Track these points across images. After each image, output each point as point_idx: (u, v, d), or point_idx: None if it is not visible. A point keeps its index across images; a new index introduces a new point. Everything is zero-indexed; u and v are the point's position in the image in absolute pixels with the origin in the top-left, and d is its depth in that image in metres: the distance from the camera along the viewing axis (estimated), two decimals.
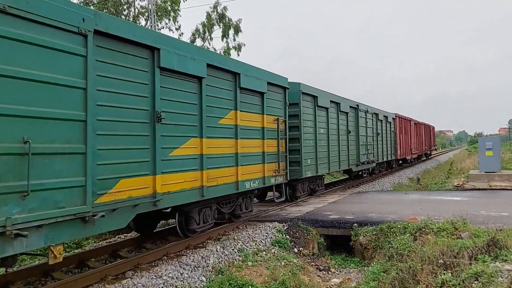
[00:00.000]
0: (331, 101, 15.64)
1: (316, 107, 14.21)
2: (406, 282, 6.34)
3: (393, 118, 26.32)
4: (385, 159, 23.78)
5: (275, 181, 10.88)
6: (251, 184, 9.76)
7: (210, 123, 8.25)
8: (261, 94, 10.36)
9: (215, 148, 8.41)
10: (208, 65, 8.20)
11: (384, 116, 24.02)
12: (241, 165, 9.26)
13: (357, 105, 19.01)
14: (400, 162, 30.32)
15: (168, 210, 8.23)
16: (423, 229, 8.45)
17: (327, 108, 15.18)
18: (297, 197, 13.80)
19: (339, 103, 16.53)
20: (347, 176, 21.60)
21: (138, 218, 6.84)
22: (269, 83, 10.67)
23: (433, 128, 48.70)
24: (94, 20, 5.71)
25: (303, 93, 13.29)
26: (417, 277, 6.28)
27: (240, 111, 9.32)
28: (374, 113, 21.93)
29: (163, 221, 10.92)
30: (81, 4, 25.46)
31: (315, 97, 14.12)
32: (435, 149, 51.18)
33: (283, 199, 12.07)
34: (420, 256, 6.84)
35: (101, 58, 5.90)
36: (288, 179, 11.69)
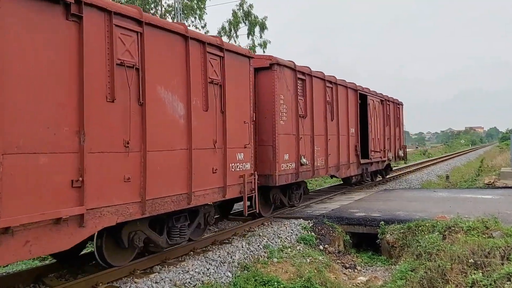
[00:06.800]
0: None
1: None
2: (435, 281, 6.24)
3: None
4: None
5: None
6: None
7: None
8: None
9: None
10: None
11: None
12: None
13: None
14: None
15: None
16: (453, 228, 8.26)
17: None
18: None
19: None
20: None
21: None
22: None
23: (398, 104, 20.46)
24: None
25: None
26: (447, 276, 6.17)
27: None
28: None
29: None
30: None
31: None
32: (402, 158, 20.97)
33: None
34: (450, 255, 6.72)
35: None
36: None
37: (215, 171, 7.69)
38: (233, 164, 8.26)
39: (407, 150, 22.85)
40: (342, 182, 17.49)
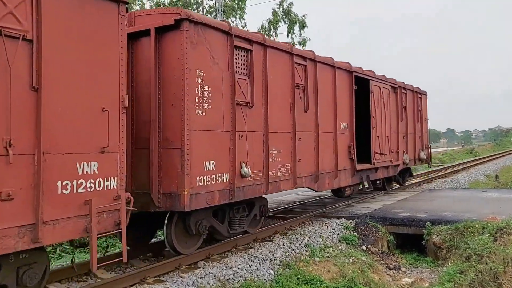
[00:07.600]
0: None
1: None
2: (486, 284, 6.01)
3: None
4: None
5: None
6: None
7: None
8: None
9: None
10: None
11: None
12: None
13: None
14: None
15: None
16: (505, 229, 7.92)
17: None
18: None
19: None
20: None
21: None
22: None
23: (419, 94, 16.74)
24: None
25: None
26: (499, 279, 5.93)
27: None
28: None
29: None
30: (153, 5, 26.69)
31: None
32: (424, 160, 17.08)
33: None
34: (502, 258, 6.45)
35: None
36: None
37: (8, 197, 4.24)
38: (67, 182, 4.79)
39: (452, 149, 21.79)
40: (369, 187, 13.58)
